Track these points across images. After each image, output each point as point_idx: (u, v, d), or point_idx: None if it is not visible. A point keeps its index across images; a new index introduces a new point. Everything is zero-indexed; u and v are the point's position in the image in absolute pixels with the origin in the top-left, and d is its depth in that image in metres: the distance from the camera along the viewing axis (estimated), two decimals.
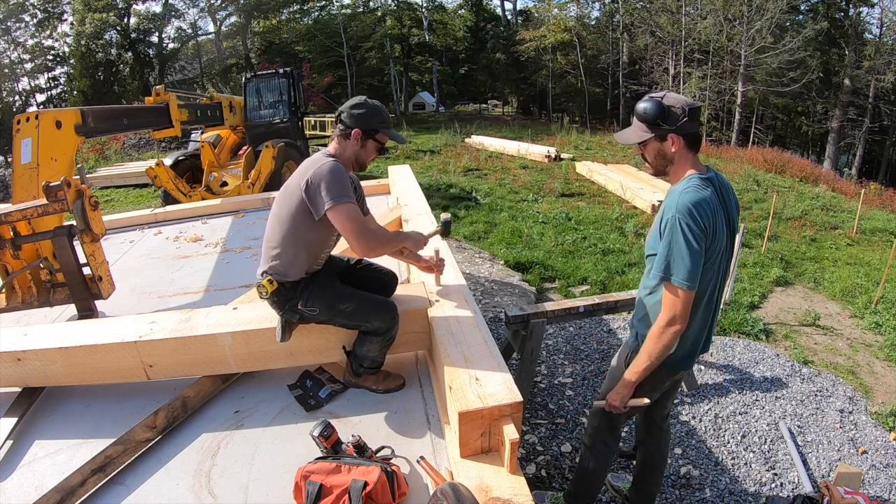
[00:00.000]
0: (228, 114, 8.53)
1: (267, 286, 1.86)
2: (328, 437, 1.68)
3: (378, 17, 29.23)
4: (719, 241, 1.77)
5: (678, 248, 1.69)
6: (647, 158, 1.87)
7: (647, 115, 1.76)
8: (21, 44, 28.19)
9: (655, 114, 1.74)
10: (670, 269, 1.71)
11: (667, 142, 1.77)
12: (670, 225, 1.70)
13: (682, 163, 1.80)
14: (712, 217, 1.72)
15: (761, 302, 5.56)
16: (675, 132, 1.75)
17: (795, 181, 12.53)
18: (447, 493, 1.35)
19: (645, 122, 1.78)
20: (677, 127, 1.74)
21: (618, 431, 2.28)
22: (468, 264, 6.33)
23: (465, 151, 14.72)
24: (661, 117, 1.74)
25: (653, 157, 1.83)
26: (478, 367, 1.69)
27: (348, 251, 2.39)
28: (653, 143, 1.80)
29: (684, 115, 1.73)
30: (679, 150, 1.77)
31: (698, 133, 1.82)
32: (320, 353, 2.18)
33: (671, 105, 1.74)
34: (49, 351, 2.10)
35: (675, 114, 1.74)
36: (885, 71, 20.90)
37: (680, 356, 1.92)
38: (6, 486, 1.81)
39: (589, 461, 2.31)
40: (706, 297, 1.84)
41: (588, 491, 2.39)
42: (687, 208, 1.68)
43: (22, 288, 2.86)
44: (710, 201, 1.73)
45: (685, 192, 1.73)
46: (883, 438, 3.27)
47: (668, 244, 1.71)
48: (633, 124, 1.83)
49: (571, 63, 27.59)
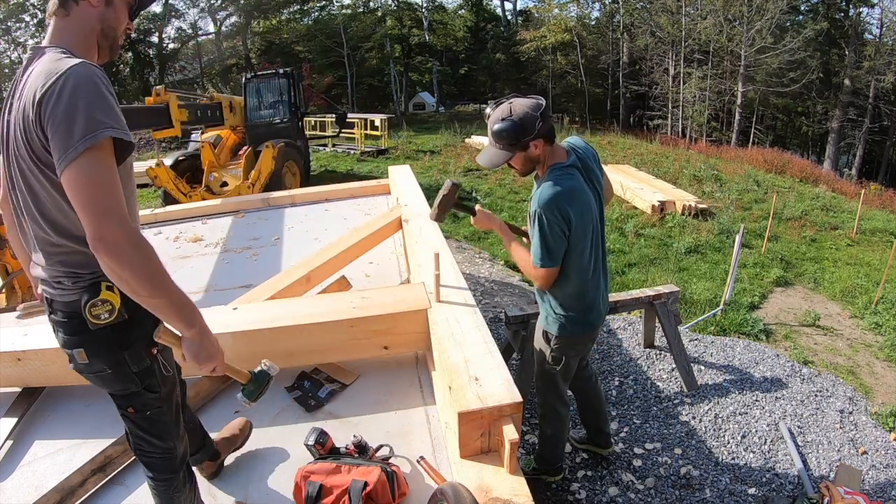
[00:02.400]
0: (228, 114, 8.54)
1: (112, 298, 1.13)
2: (324, 444, 1.67)
3: (378, 17, 29.25)
4: (588, 213, 1.98)
5: (541, 238, 1.92)
6: (514, 167, 2.01)
7: (506, 135, 1.85)
8: (21, 44, 28.20)
9: (515, 132, 1.84)
10: (537, 256, 1.96)
11: (530, 149, 1.90)
12: (535, 218, 1.92)
13: (545, 159, 1.98)
14: (576, 201, 1.92)
15: (761, 302, 5.56)
16: (534, 139, 1.87)
17: (795, 181, 12.53)
18: (447, 493, 1.35)
19: (505, 142, 1.88)
20: (536, 134, 1.85)
21: (564, 397, 2.51)
22: (468, 264, 6.33)
23: (466, 152, 14.72)
24: (521, 133, 1.84)
25: (521, 165, 1.98)
26: (478, 367, 1.69)
27: None
28: (518, 155, 1.93)
29: (538, 121, 1.84)
30: (541, 150, 1.93)
31: (552, 127, 1.95)
32: (320, 353, 2.18)
33: (523, 117, 1.83)
34: (49, 351, 2.10)
35: (531, 123, 1.83)
36: (885, 71, 20.89)
37: (590, 319, 2.19)
38: (6, 486, 1.81)
39: (546, 429, 2.62)
40: (585, 259, 2.05)
41: (554, 453, 2.71)
42: (546, 202, 1.87)
43: (22, 288, 2.86)
44: (570, 189, 1.91)
45: (545, 186, 1.91)
46: (883, 439, 3.26)
47: (535, 234, 1.94)
48: (493, 147, 1.94)
49: (572, 63, 27.60)
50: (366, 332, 2.13)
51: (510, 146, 1.89)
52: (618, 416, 3.45)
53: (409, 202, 3.62)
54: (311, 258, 2.83)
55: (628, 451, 3.12)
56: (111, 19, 1.21)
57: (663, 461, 3.02)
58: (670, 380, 3.79)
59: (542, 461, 2.77)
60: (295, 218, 4.46)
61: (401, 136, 17.71)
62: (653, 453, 3.09)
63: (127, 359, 1.19)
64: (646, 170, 11.74)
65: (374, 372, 2.25)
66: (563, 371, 2.36)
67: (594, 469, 2.97)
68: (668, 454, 3.08)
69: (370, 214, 4.25)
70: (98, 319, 1.11)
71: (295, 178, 9.57)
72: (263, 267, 3.44)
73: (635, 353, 4.17)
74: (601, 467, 2.98)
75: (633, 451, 3.12)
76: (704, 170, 12.29)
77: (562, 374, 2.38)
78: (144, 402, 1.27)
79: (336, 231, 3.84)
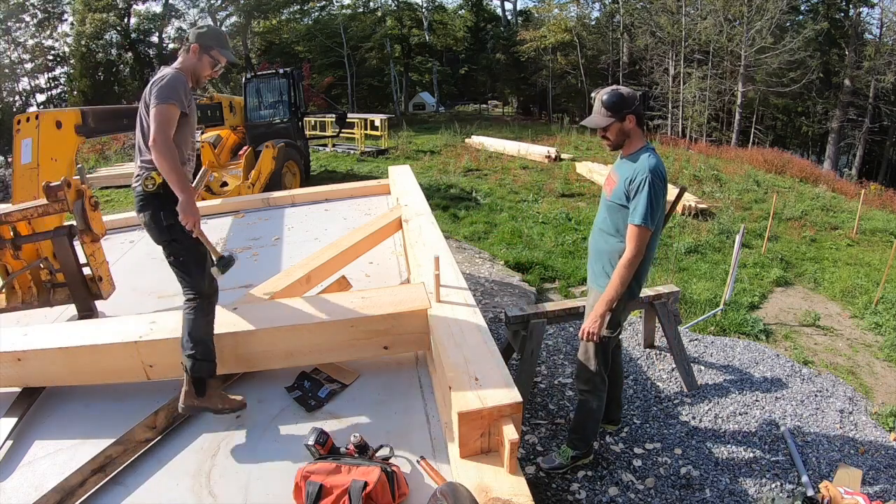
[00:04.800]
0: (228, 114, 8.54)
1: (156, 177, 1.96)
2: (324, 444, 1.67)
3: (378, 17, 29.25)
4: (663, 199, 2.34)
5: (648, 200, 2.19)
6: (608, 137, 2.36)
7: (612, 103, 2.26)
8: (21, 44, 28.21)
9: (620, 101, 2.25)
10: (641, 215, 2.20)
11: (626, 121, 2.28)
12: (646, 182, 2.20)
13: (636, 137, 2.35)
14: (665, 177, 2.30)
15: (761, 302, 5.56)
16: (631, 113, 2.27)
17: (795, 181, 12.53)
18: (447, 493, 1.35)
19: (610, 109, 2.26)
20: (633, 109, 2.27)
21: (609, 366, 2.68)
22: (468, 264, 6.33)
23: (465, 152, 14.72)
24: (623, 104, 2.26)
25: (615, 135, 2.33)
26: (478, 367, 1.70)
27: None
28: (615, 124, 2.29)
29: (637, 101, 2.30)
30: (633, 127, 2.31)
31: (644, 115, 2.40)
32: (320, 353, 2.18)
33: (627, 93, 2.28)
34: (49, 351, 2.10)
35: (632, 100, 2.28)
36: (885, 71, 20.89)
37: (642, 284, 2.50)
38: (6, 486, 1.81)
39: (592, 402, 2.68)
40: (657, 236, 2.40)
41: (594, 428, 2.81)
42: (655, 168, 2.23)
43: (22, 288, 2.86)
44: (662, 163, 2.32)
45: (648, 156, 2.28)
46: (883, 439, 3.26)
47: (642, 197, 2.20)
48: (597, 114, 2.32)
49: (572, 63, 27.60)
50: (366, 332, 2.13)
51: (614, 113, 2.25)
52: None
53: (409, 202, 3.63)
54: (311, 258, 2.83)
55: (628, 451, 3.12)
56: (199, 66, 2.11)
57: (663, 461, 3.02)
58: (670, 380, 3.79)
59: (583, 441, 2.85)
60: (295, 218, 4.46)
61: (401, 136, 17.71)
62: (653, 453, 3.09)
63: (162, 216, 1.97)
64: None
65: (374, 372, 2.25)
66: (616, 337, 2.60)
67: (594, 469, 2.97)
68: (668, 454, 3.08)
69: (370, 214, 4.25)
70: (147, 189, 1.96)
71: (295, 178, 9.57)
72: (263, 267, 3.44)
73: (635, 353, 4.17)
74: (601, 467, 2.98)
75: (633, 451, 3.12)
76: (704, 170, 12.29)
77: (614, 341, 2.63)
78: (173, 251, 2.02)
79: (336, 231, 3.84)
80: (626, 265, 2.28)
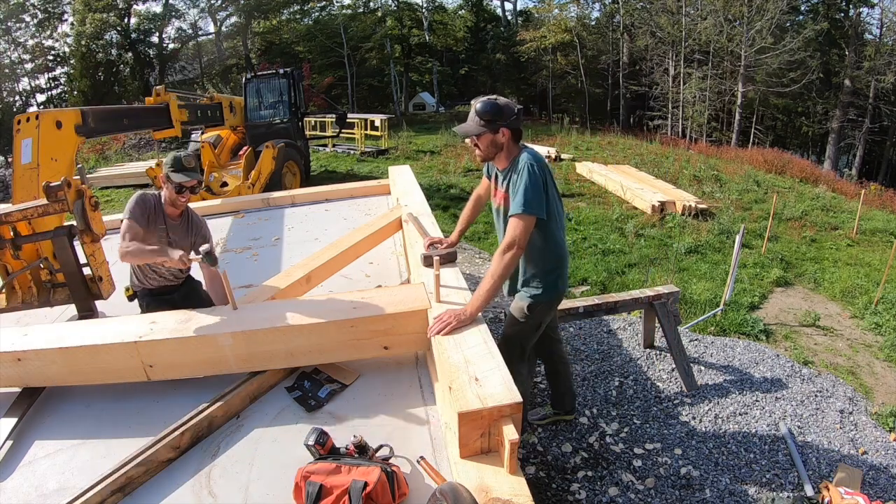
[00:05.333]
0: (228, 114, 8.53)
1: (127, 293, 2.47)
2: (324, 444, 1.67)
3: (378, 17, 29.23)
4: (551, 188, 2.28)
5: (525, 187, 2.13)
6: (479, 147, 2.31)
7: (486, 112, 2.18)
8: (21, 44, 28.21)
9: (494, 111, 2.18)
10: (520, 204, 2.13)
11: (498, 134, 2.23)
12: (524, 170, 2.16)
13: (508, 150, 2.30)
14: (550, 172, 2.29)
15: (761, 302, 5.56)
16: (506, 126, 2.21)
17: (795, 182, 12.52)
18: (447, 493, 1.35)
19: (483, 118, 2.20)
20: (508, 123, 2.21)
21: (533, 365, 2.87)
22: (468, 264, 6.33)
23: (465, 152, 14.70)
24: (497, 115, 2.19)
25: (486, 146, 2.28)
26: (477, 367, 1.69)
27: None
28: (487, 135, 2.23)
29: (514, 115, 2.22)
30: (507, 141, 2.26)
31: (521, 130, 2.33)
32: (320, 353, 2.18)
33: (503, 105, 2.21)
34: (49, 351, 2.10)
35: (509, 112, 2.20)
36: (885, 71, 20.89)
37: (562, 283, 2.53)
38: (6, 486, 1.81)
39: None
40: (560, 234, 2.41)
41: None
42: (533, 156, 2.22)
43: (22, 288, 2.86)
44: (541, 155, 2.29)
45: (526, 152, 2.25)
46: (883, 439, 3.27)
47: (521, 184, 2.14)
48: (471, 121, 2.24)
49: (572, 63, 27.61)
50: (366, 333, 2.13)
51: (487, 123, 2.19)
52: (618, 417, 3.45)
53: (409, 202, 3.62)
54: (311, 258, 2.84)
55: (628, 451, 3.12)
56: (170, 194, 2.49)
57: (663, 461, 3.02)
58: (670, 380, 3.79)
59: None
60: (295, 218, 4.46)
61: (401, 136, 17.70)
62: (653, 453, 3.09)
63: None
64: (646, 170, 11.75)
65: (374, 372, 2.25)
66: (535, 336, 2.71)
67: (594, 469, 2.97)
68: (668, 454, 3.08)
69: (370, 214, 4.25)
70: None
71: (295, 179, 9.57)
72: (263, 267, 3.44)
73: (635, 353, 4.17)
74: (601, 467, 2.98)
75: (633, 451, 3.12)
76: (704, 170, 12.29)
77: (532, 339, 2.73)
78: None
79: (336, 231, 3.84)
80: (498, 254, 2.16)
